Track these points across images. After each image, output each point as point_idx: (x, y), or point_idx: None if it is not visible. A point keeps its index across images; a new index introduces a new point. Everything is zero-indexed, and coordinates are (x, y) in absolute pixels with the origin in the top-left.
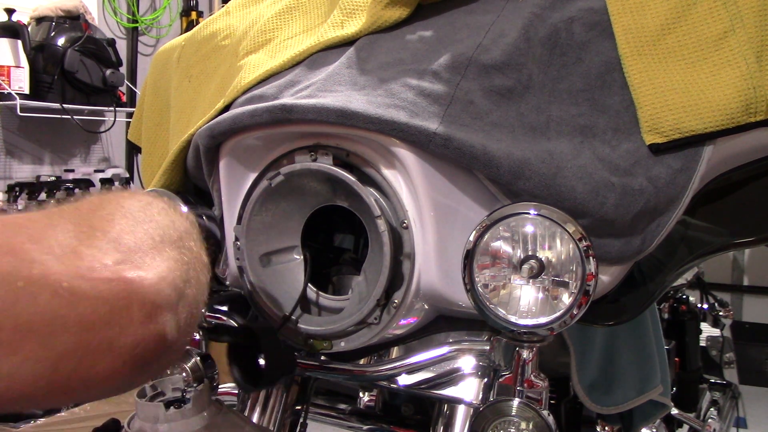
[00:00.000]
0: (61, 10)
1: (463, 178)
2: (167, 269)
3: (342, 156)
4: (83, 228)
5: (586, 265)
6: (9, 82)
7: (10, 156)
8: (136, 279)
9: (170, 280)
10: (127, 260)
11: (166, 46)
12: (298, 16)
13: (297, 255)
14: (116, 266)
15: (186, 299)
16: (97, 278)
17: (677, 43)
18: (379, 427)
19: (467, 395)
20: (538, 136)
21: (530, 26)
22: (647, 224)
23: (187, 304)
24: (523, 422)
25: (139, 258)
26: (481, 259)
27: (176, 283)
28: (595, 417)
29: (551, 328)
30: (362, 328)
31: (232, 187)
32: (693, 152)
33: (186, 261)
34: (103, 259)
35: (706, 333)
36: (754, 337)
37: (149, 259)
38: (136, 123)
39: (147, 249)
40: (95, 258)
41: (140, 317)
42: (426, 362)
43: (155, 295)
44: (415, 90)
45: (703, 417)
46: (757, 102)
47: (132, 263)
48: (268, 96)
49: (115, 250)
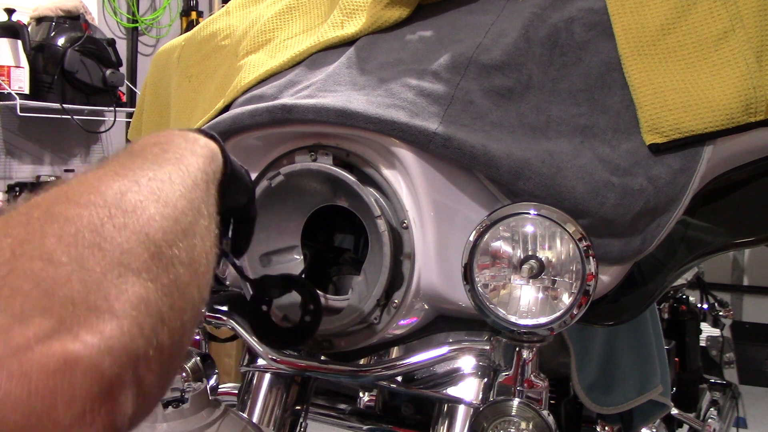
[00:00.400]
0: (61, 10)
1: (463, 178)
2: (116, 330)
3: (342, 156)
4: (5, 276)
5: (586, 265)
6: (9, 82)
7: (10, 156)
8: (63, 365)
9: (120, 347)
10: (55, 331)
11: (166, 46)
12: (298, 16)
13: (297, 255)
14: (38, 347)
15: (154, 353)
16: (8, 371)
17: (677, 43)
18: (379, 427)
19: (467, 395)
20: (538, 136)
21: (530, 26)
22: (647, 224)
23: (156, 357)
24: (523, 422)
25: (77, 320)
26: (481, 259)
27: (131, 347)
28: (595, 417)
29: (551, 328)
30: (362, 328)
31: None
32: (693, 152)
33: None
34: (21, 336)
35: (706, 333)
36: (754, 337)
37: (93, 317)
38: (136, 123)
39: (93, 298)
40: (10, 336)
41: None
42: (426, 362)
43: (93, 383)
44: (415, 90)
45: (703, 417)
46: (757, 102)
47: (62, 336)
48: (268, 96)
49: (42, 315)
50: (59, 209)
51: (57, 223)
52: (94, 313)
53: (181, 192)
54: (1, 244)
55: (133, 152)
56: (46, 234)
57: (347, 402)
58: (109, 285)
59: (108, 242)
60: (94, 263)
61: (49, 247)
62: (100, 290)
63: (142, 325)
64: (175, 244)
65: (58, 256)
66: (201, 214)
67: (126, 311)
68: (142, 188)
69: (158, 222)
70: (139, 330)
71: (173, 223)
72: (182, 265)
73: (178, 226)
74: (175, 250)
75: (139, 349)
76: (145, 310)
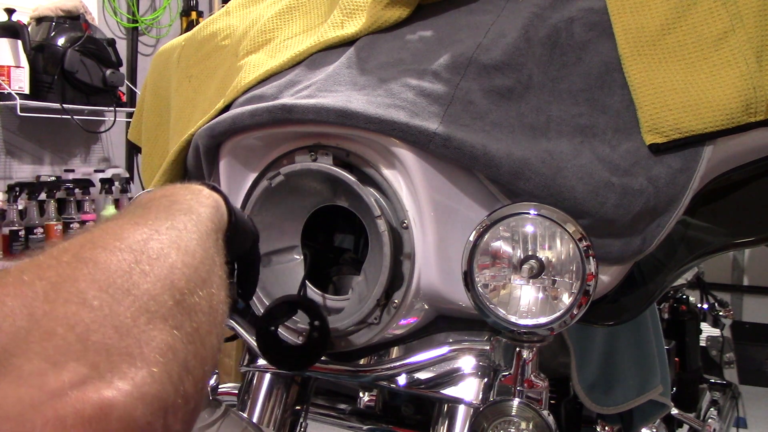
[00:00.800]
0: (61, 10)
1: (463, 178)
2: (149, 378)
3: (342, 156)
4: (40, 319)
5: (586, 265)
6: (9, 82)
7: (10, 156)
8: (99, 412)
9: (152, 394)
10: (89, 378)
11: (166, 46)
12: (298, 16)
13: (297, 255)
14: (73, 393)
15: (181, 401)
16: (43, 418)
17: (677, 43)
18: (379, 427)
19: (467, 395)
20: (538, 136)
21: (530, 26)
22: (647, 224)
23: (182, 405)
24: (523, 422)
25: (111, 367)
26: (481, 259)
27: (162, 395)
28: (595, 417)
29: (551, 328)
30: (362, 328)
31: (232, 187)
32: (693, 152)
33: (185, 337)
34: (56, 382)
35: (706, 333)
36: (754, 337)
37: (125, 365)
38: (136, 123)
39: (125, 345)
40: (45, 381)
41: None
42: (426, 362)
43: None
44: (415, 90)
45: (703, 417)
46: (757, 102)
47: (97, 382)
48: (268, 96)
49: (77, 360)
50: (88, 254)
51: (87, 267)
52: (127, 360)
53: (197, 241)
54: (35, 286)
55: (144, 205)
56: (78, 278)
57: (347, 402)
58: (139, 331)
59: (136, 288)
60: (124, 309)
61: (82, 290)
62: (130, 336)
63: (170, 372)
64: (196, 293)
65: (90, 300)
66: (215, 263)
67: (156, 359)
68: (162, 236)
69: (180, 270)
70: (168, 378)
71: (194, 271)
72: (203, 314)
73: (198, 275)
74: (196, 298)
75: (168, 398)
76: (173, 357)
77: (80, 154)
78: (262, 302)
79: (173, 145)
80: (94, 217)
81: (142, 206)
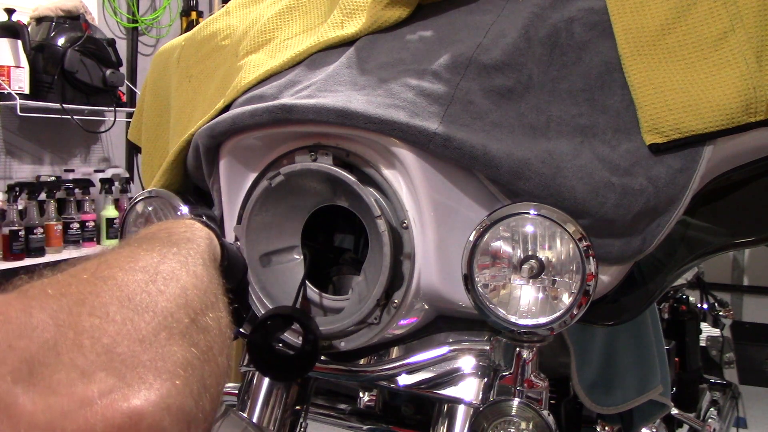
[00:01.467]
0: (61, 10)
1: (463, 178)
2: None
3: (342, 156)
4: (66, 331)
5: (586, 265)
6: (9, 82)
7: (10, 156)
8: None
9: (177, 406)
10: (117, 387)
11: (166, 46)
12: (298, 16)
13: (297, 255)
14: (102, 401)
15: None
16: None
17: (677, 43)
18: (379, 427)
19: (467, 395)
20: (538, 136)
21: (530, 26)
22: (647, 224)
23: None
24: (523, 422)
25: (137, 378)
26: (481, 259)
27: (185, 407)
28: (595, 417)
29: (551, 328)
30: (362, 328)
31: (232, 187)
32: (693, 152)
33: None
34: (85, 391)
35: (706, 333)
36: (754, 337)
37: (151, 376)
38: (136, 123)
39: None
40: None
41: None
42: (426, 362)
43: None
44: (415, 90)
45: (703, 417)
46: (757, 102)
47: (125, 391)
48: (268, 96)
49: (105, 371)
50: (106, 273)
51: (107, 285)
52: (152, 372)
53: (203, 266)
54: (60, 301)
55: (145, 236)
56: (99, 293)
57: (347, 402)
58: (160, 346)
59: (154, 305)
60: (145, 324)
61: (105, 303)
62: (153, 350)
63: (191, 387)
64: (207, 314)
65: (113, 314)
66: (219, 288)
67: (178, 372)
68: (171, 261)
69: (191, 291)
70: (190, 392)
71: (203, 293)
72: (215, 334)
73: (207, 297)
74: (208, 318)
75: (191, 411)
76: (192, 373)
77: (80, 154)
78: (261, 302)
79: (173, 145)
80: (94, 217)
81: (143, 237)
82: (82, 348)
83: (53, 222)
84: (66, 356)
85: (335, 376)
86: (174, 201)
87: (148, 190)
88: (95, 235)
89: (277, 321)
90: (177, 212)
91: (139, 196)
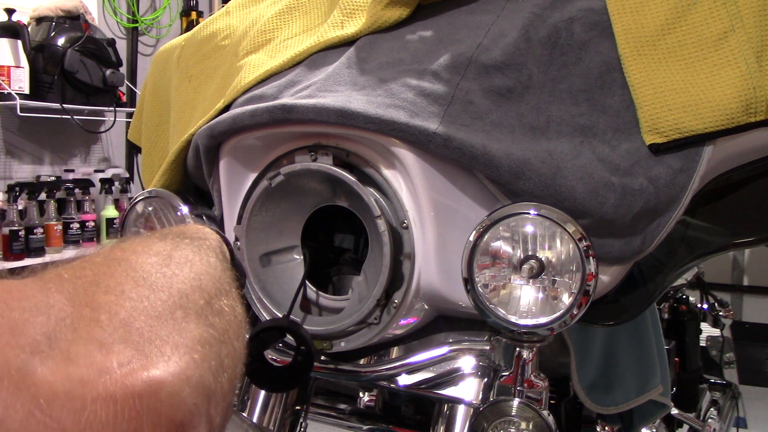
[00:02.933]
0: (61, 10)
1: (463, 178)
2: (192, 363)
3: (342, 156)
4: (82, 308)
5: (586, 265)
6: (9, 82)
7: (10, 156)
8: (148, 389)
9: (196, 379)
10: (136, 358)
11: (166, 46)
12: (298, 16)
13: (297, 255)
14: (122, 370)
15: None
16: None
17: (677, 43)
18: (379, 427)
19: (467, 395)
20: (538, 136)
21: (530, 26)
22: (647, 224)
23: (221, 399)
24: (523, 422)
25: (156, 350)
26: (481, 259)
27: (204, 381)
28: (595, 417)
29: (551, 328)
30: (362, 328)
31: (232, 187)
32: (693, 152)
33: (218, 335)
34: (104, 361)
35: (706, 333)
36: (754, 337)
37: (169, 349)
38: (136, 123)
39: (166, 332)
40: (92, 360)
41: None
42: (426, 362)
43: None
44: (415, 90)
45: (703, 417)
46: (757, 102)
47: (144, 361)
48: (268, 96)
49: (123, 343)
50: (120, 255)
51: (121, 266)
52: (170, 345)
53: (215, 258)
54: (75, 283)
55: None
56: (114, 273)
57: (347, 402)
58: (176, 322)
59: (169, 285)
60: (161, 302)
61: (120, 282)
62: (170, 325)
63: (209, 363)
64: (221, 299)
65: (129, 291)
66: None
67: (196, 348)
68: (185, 249)
69: (206, 276)
70: (208, 367)
71: (217, 280)
72: (230, 318)
73: (221, 284)
74: (222, 304)
75: (210, 385)
76: (210, 350)
77: (80, 154)
78: (261, 302)
79: (173, 145)
80: (94, 217)
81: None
82: (100, 322)
83: (53, 222)
84: (84, 330)
85: (335, 376)
86: (174, 201)
87: (148, 190)
88: (95, 235)
89: (270, 333)
90: (177, 212)
91: (139, 196)
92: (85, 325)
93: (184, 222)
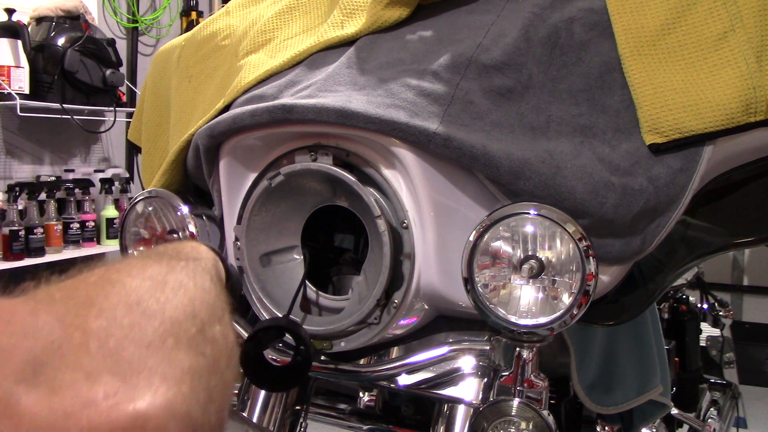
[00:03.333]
0: (61, 10)
1: (463, 178)
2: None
3: (342, 156)
4: (73, 332)
5: (586, 265)
6: (9, 82)
7: (10, 156)
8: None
9: (183, 412)
10: (122, 390)
11: (166, 46)
12: (298, 16)
13: (297, 255)
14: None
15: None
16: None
17: (677, 43)
18: (379, 427)
19: (467, 395)
20: (538, 136)
21: (530, 26)
22: (647, 224)
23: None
24: (523, 422)
25: (143, 382)
26: (481, 259)
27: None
28: (595, 417)
29: (551, 328)
30: (362, 328)
31: (232, 187)
32: (693, 152)
33: (208, 365)
34: (90, 392)
35: (706, 333)
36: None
37: (157, 380)
38: (136, 123)
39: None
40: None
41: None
42: (426, 362)
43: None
44: (415, 90)
45: (703, 417)
46: (757, 102)
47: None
48: (268, 96)
49: (110, 373)
50: (114, 277)
51: (115, 288)
52: (158, 377)
53: (210, 282)
54: (67, 303)
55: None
56: (108, 295)
57: (347, 402)
58: (166, 352)
59: (162, 312)
60: (152, 329)
61: (112, 306)
62: (160, 355)
63: (198, 396)
64: (214, 326)
65: (120, 317)
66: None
67: (185, 379)
68: (180, 273)
69: (200, 302)
70: (196, 401)
71: (211, 306)
72: (222, 347)
73: (214, 311)
74: (215, 332)
75: (197, 420)
76: (199, 382)
77: (80, 154)
78: (261, 302)
79: (173, 145)
80: (94, 217)
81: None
82: (88, 350)
83: (53, 222)
84: (71, 357)
85: (335, 376)
86: (174, 201)
87: (148, 190)
88: (95, 235)
89: (269, 333)
90: (177, 212)
91: (139, 196)
92: (74, 352)
93: (184, 222)
